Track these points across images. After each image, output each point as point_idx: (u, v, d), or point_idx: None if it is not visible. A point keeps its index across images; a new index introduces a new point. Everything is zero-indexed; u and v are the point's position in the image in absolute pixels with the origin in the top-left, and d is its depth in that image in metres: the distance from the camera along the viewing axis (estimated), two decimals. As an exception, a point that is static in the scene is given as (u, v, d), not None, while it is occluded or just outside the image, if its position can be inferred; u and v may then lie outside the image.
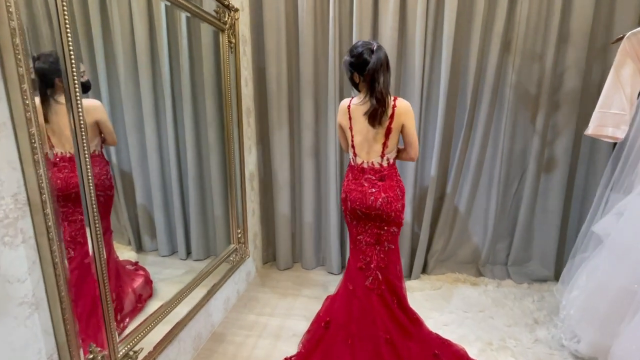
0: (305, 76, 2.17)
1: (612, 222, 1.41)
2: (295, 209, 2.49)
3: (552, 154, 2.11)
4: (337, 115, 1.56)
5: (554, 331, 1.79)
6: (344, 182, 1.61)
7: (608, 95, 1.48)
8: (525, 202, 2.18)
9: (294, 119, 2.33)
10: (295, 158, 2.40)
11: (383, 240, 1.54)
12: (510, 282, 2.27)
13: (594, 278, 1.44)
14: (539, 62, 2.01)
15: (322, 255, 2.54)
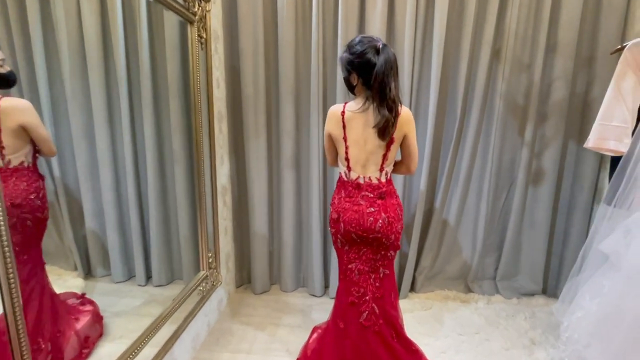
0: (285, 78, 1.96)
1: (619, 240, 1.34)
2: (273, 227, 2.25)
3: (540, 166, 2.07)
4: (327, 124, 1.35)
5: (552, 352, 1.71)
6: (333, 200, 1.41)
7: (609, 107, 1.42)
8: (513, 215, 2.12)
9: (272, 125, 2.10)
10: (274, 170, 2.17)
11: (379, 266, 1.36)
12: (499, 297, 2.19)
13: (605, 301, 1.35)
14: (527, 72, 1.97)
15: (302, 276, 2.32)
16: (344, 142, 1.29)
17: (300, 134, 2.09)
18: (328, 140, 1.36)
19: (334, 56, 1.95)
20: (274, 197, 2.20)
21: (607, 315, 1.32)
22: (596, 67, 1.90)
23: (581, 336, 1.45)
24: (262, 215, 2.13)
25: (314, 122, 1.98)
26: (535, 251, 2.16)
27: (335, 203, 1.37)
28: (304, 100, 2.03)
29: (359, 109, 1.23)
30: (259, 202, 2.11)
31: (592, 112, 1.93)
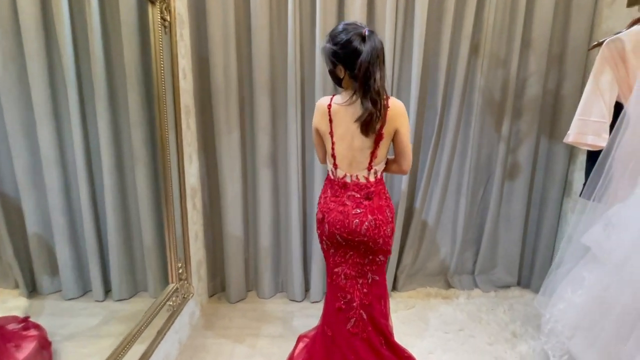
0: (260, 68, 1.81)
1: (600, 232, 1.37)
2: (248, 229, 2.09)
3: (515, 160, 2.10)
4: (314, 117, 1.25)
5: (533, 344, 1.74)
6: (320, 199, 1.31)
7: (588, 103, 1.44)
8: (491, 209, 2.15)
9: (246, 120, 1.95)
10: (248, 168, 2.01)
11: (366, 271, 1.27)
12: (478, 291, 2.22)
13: (588, 293, 1.37)
14: (503, 67, 1.98)
15: (281, 280, 2.19)
16: (331, 138, 1.20)
17: (277, 130, 1.95)
18: (316, 135, 1.27)
19: (312, 44, 1.84)
20: (249, 198, 2.05)
21: (591, 306, 1.34)
22: (566, 64, 1.95)
23: (565, 328, 1.47)
24: (236, 217, 1.97)
25: (292, 117, 1.85)
26: (510, 244, 2.20)
27: (321, 202, 1.28)
28: (280, 92, 1.90)
29: (345, 102, 1.14)
30: (233, 204, 1.95)
31: (564, 108, 2.00)
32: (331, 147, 1.21)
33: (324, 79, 1.81)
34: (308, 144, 1.98)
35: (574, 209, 2.05)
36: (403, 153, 1.23)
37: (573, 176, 2.05)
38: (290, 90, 1.82)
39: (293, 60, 1.78)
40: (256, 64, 1.80)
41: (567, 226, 2.09)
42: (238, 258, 2.04)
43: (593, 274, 1.41)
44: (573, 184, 2.06)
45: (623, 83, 1.40)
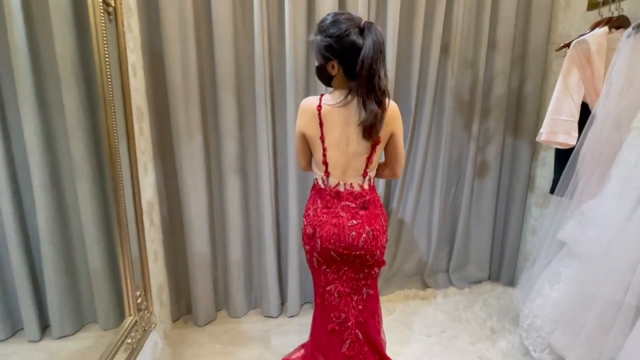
0: (223, 65, 1.62)
1: (575, 227, 1.41)
2: (216, 244, 1.89)
3: (484, 159, 2.15)
4: (299, 120, 1.11)
5: (511, 339, 1.78)
6: (307, 211, 1.18)
7: (558, 102, 1.48)
8: (463, 207, 2.17)
9: (209, 123, 1.74)
10: (214, 176, 1.81)
11: (361, 286, 1.18)
12: (453, 289, 2.24)
13: (565, 288, 1.41)
14: (472, 68, 2.00)
15: (255, 296, 2.02)
16: (322, 143, 1.07)
17: (245, 133, 1.78)
18: (301, 141, 1.13)
19: (280, 38, 1.69)
20: (215, 209, 1.85)
21: (570, 301, 1.37)
22: (528, 64, 2.03)
23: (544, 323, 1.50)
24: (201, 231, 1.77)
25: (261, 118, 1.69)
26: (481, 240, 2.25)
27: (310, 215, 1.14)
28: (247, 91, 1.72)
29: (339, 103, 1.02)
30: (197, 217, 1.74)
31: (526, 107, 2.07)
32: (322, 153, 1.09)
33: (296, 77, 1.68)
34: (280, 148, 1.83)
35: (537, 203, 2.15)
36: (398, 157, 1.16)
37: (535, 172, 2.15)
38: (259, 88, 1.66)
39: (261, 55, 1.62)
40: (219, 60, 1.61)
41: (532, 219, 2.19)
42: (205, 276, 1.83)
43: (569, 269, 1.45)
44: (535, 180, 2.15)
45: (588, 83, 1.45)
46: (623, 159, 1.29)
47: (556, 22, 1.98)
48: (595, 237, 1.32)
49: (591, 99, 1.47)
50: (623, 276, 1.18)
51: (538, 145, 2.11)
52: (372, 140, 1.05)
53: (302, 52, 1.69)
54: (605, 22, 1.42)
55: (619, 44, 1.30)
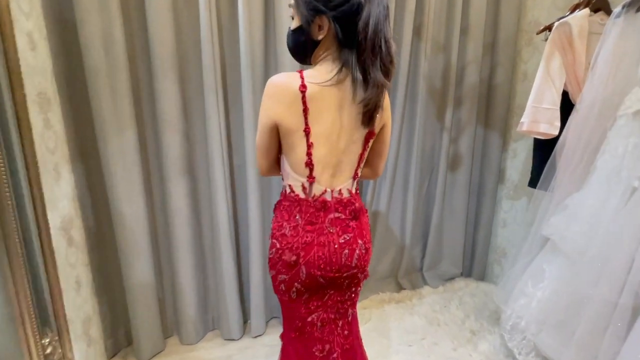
0: (160, 40, 1.31)
1: (561, 223, 1.32)
2: (160, 259, 1.57)
3: (457, 151, 2.05)
4: (269, 106, 0.81)
5: (491, 339, 1.70)
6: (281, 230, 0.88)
7: (540, 89, 1.39)
8: (437, 202, 2.06)
9: (144, 113, 1.41)
10: (154, 180, 1.49)
11: (347, 308, 0.97)
12: (428, 288, 2.14)
13: (551, 286, 1.33)
14: (444, 53, 1.87)
15: (211, 317, 1.73)
16: (306, 138, 0.81)
17: (192, 125, 1.47)
18: (269, 135, 0.84)
19: (233, 10, 1.40)
20: (157, 218, 1.53)
21: (559, 301, 1.29)
22: (498, 53, 1.95)
23: (529, 324, 1.42)
24: (140, 247, 1.44)
25: (211, 107, 1.40)
26: (455, 235, 2.17)
27: (287, 236, 0.86)
28: (192, 75, 1.42)
29: (330, 80, 0.78)
30: (134, 230, 1.41)
31: (497, 97, 2.00)
32: (306, 151, 0.82)
33: (253, 57, 1.41)
34: (236, 143, 1.55)
35: (507, 195, 2.11)
36: (383, 153, 0.97)
37: (506, 164, 2.10)
38: (207, 72, 1.37)
39: (208, 31, 1.32)
40: (154, 34, 1.29)
41: (502, 212, 2.14)
42: (148, 300, 1.51)
43: (553, 266, 1.37)
44: (506, 172, 2.11)
45: (569, 69, 1.37)
46: (609, 149, 1.22)
47: (525, 10, 1.91)
48: (581, 233, 1.25)
49: (572, 86, 1.39)
50: (617, 275, 1.10)
51: (508, 136, 2.06)
52: (371, 127, 0.83)
53: (259, 25, 1.41)
54: (585, 4, 1.34)
55: (606, 26, 1.22)
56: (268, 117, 0.81)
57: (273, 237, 0.89)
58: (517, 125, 1.99)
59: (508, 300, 1.55)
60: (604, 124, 1.26)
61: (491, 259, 2.23)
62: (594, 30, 1.34)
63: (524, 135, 1.85)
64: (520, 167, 2.01)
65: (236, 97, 1.50)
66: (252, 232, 1.58)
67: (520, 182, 2.02)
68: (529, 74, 1.91)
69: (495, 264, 2.21)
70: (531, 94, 1.41)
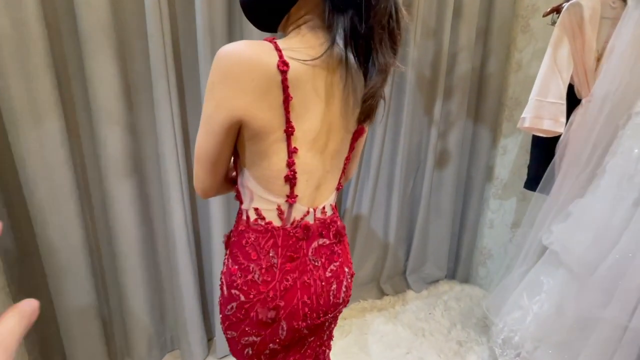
0: (91, 9, 1.02)
1: (564, 232, 1.19)
2: (104, 278, 1.32)
3: (445, 147, 1.89)
4: (226, 94, 0.52)
5: (479, 350, 1.58)
6: (246, 276, 0.61)
7: (545, 81, 1.22)
8: (422, 202, 1.91)
9: (74, 98, 1.13)
10: (92, 182, 1.21)
11: (325, 347, 0.78)
12: (411, 293, 2.00)
13: (550, 300, 1.20)
14: (435, 38, 1.68)
15: (169, 336, 1.50)
16: (287, 141, 0.57)
17: (137, 114, 1.20)
18: (225, 139, 0.56)
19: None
20: (98, 230, 1.26)
21: (561, 320, 1.16)
22: (492, 40, 1.78)
23: (524, 340, 1.30)
24: (75, 263, 1.17)
25: (161, 91, 1.14)
26: (440, 237, 2.04)
27: (258, 283, 0.61)
28: (136, 52, 1.14)
29: (319, 58, 0.55)
30: (66, 243, 1.14)
31: (488, 88, 1.84)
32: (287, 161, 0.58)
33: (212, 27, 1.15)
34: (194, 135, 1.30)
35: (496, 194, 1.98)
36: (360, 153, 0.77)
37: (495, 161, 1.97)
38: (154, 47, 1.10)
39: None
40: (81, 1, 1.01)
41: (490, 212, 2.02)
42: (88, 323, 1.26)
43: (553, 279, 1.24)
44: (494, 169, 1.98)
45: (577, 58, 1.21)
46: (622, 150, 1.08)
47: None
48: (586, 244, 1.11)
49: (578, 78, 1.24)
50: (630, 295, 0.97)
51: (499, 132, 1.92)
52: (370, 123, 0.63)
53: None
54: (596, -16, 1.18)
55: (626, 10, 1.07)
56: (227, 111, 0.53)
57: (232, 286, 0.62)
58: (508, 119, 1.88)
59: (500, 312, 1.43)
60: (616, 121, 1.12)
61: (476, 260, 2.12)
62: (605, 14, 1.18)
63: (521, 131, 1.72)
64: (510, 165, 1.88)
65: (192, 80, 1.24)
66: (215, 239, 1.35)
67: (510, 181, 1.90)
68: (523, 64, 1.76)
69: (480, 266, 2.10)
70: (535, 85, 1.24)
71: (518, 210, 1.87)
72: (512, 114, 1.84)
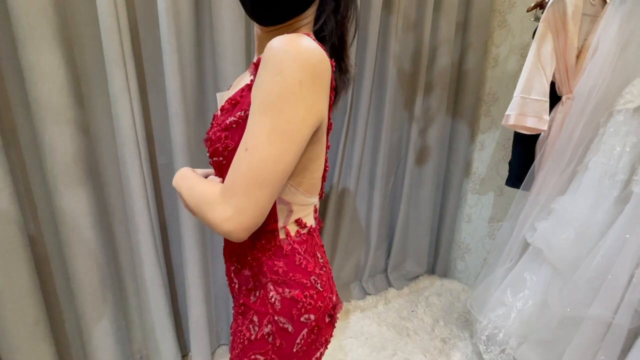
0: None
1: (548, 230, 1.19)
2: (58, 300, 1.14)
3: (425, 143, 1.86)
4: (313, 97, 0.46)
5: (462, 346, 1.59)
6: (309, 290, 0.56)
7: (529, 77, 1.21)
8: (403, 198, 1.88)
9: (11, 96, 0.95)
10: (36, 192, 1.03)
11: None
12: (393, 291, 1.98)
13: (534, 297, 1.21)
14: (415, 31, 1.63)
15: (140, 356, 1.36)
16: (326, 137, 0.57)
17: (90, 111, 1.04)
18: (302, 148, 0.48)
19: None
20: (47, 245, 1.09)
21: (545, 316, 1.17)
22: (470, 34, 1.76)
23: (509, 337, 1.31)
24: (21, 290, 1.00)
25: (118, 84, 0.99)
26: (420, 233, 2.02)
27: (321, 291, 0.57)
28: (85, 36, 0.98)
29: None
30: (7, 268, 0.97)
31: (467, 83, 1.83)
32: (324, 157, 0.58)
33: (177, 13, 1.01)
34: (159, 133, 1.16)
35: (473, 189, 2.00)
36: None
37: (472, 156, 1.98)
38: (108, 33, 0.94)
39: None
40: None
41: (467, 207, 2.04)
42: (36, 349, 1.09)
43: (536, 276, 1.25)
44: (472, 164, 1.99)
45: (560, 55, 1.21)
46: (604, 148, 1.09)
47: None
48: (569, 240, 1.12)
49: (560, 75, 1.24)
50: (615, 292, 0.99)
51: (476, 127, 1.92)
52: None
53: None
54: (577, -20, 1.17)
55: (611, 6, 1.06)
56: (319, 115, 0.48)
57: (300, 314, 0.55)
58: (485, 114, 1.88)
59: (483, 309, 1.43)
60: (598, 118, 1.12)
61: (454, 255, 2.14)
62: (585, 11, 1.18)
63: (499, 126, 1.73)
64: (488, 161, 1.90)
65: (155, 70, 1.09)
66: (186, 249, 1.23)
67: (487, 176, 1.91)
68: (500, 59, 1.76)
69: (458, 260, 2.13)
70: (519, 82, 1.22)
71: (495, 204, 1.89)
72: (489, 109, 1.84)
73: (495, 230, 1.91)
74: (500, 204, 1.86)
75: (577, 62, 1.21)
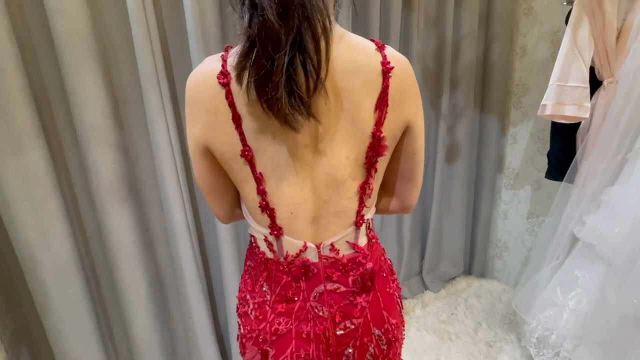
0: (64, 14, 0.90)
1: (600, 223, 1.12)
2: (109, 318, 1.19)
3: (454, 140, 1.81)
4: (188, 119, 0.52)
5: (509, 350, 1.52)
6: (243, 307, 0.60)
7: (565, 64, 1.15)
8: (435, 197, 1.83)
9: (57, 122, 1.00)
10: (84, 210, 1.09)
11: None
12: (430, 294, 1.92)
13: (589, 297, 1.13)
14: (437, 28, 1.60)
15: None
16: (249, 164, 0.58)
17: (129, 132, 1.08)
18: (204, 164, 0.57)
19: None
20: (96, 264, 1.14)
21: (605, 317, 1.10)
22: (494, 25, 1.70)
23: (563, 339, 1.23)
24: (74, 302, 1.05)
25: (154, 104, 1.02)
26: (454, 232, 1.96)
27: (250, 318, 0.57)
28: (121, 60, 1.02)
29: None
30: (62, 282, 1.02)
31: (493, 76, 1.77)
32: (257, 188, 0.59)
33: (204, 31, 1.04)
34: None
35: (508, 185, 1.92)
36: (415, 171, 0.64)
37: (505, 150, 1.90)
38: (143, 57, 0.98)
39: (139, 0, 0.93)
40: (52, 4, 0.88)
41: (502, 203, 1.96)
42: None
43: (590, 274, 1.18)
44: (505, 159, 1.91)
45: (598, 38, 1.14)
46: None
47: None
48: (623, 234, 1.05)
49: (599, 59, 1.17)
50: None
51: (507, 120, 1.85)
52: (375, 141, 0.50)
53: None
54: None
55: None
56: (193, 140, 0.52)
57: (237, 311, 0.61)
58: (516, 107, 1.81)
59: (531, 310, 1.36)
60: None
61: (492, 253, 2.06)
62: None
63: (531, 117, 1.65)
64: (522, 154, 1.82)
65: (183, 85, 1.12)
66: (225, 267, 1.25)
67: (522, 170, 1.83)
68: (528, 48, 1.70)
69: (496, 259, 2.04)
70: (554, 70, 1.17)
71: (534, 199, 1.81)
72: (519, 101, 1.77)
73: (535, 226, 1.82)
74: (538, 198, 1.78)
75: (617, 43, 1.14)
